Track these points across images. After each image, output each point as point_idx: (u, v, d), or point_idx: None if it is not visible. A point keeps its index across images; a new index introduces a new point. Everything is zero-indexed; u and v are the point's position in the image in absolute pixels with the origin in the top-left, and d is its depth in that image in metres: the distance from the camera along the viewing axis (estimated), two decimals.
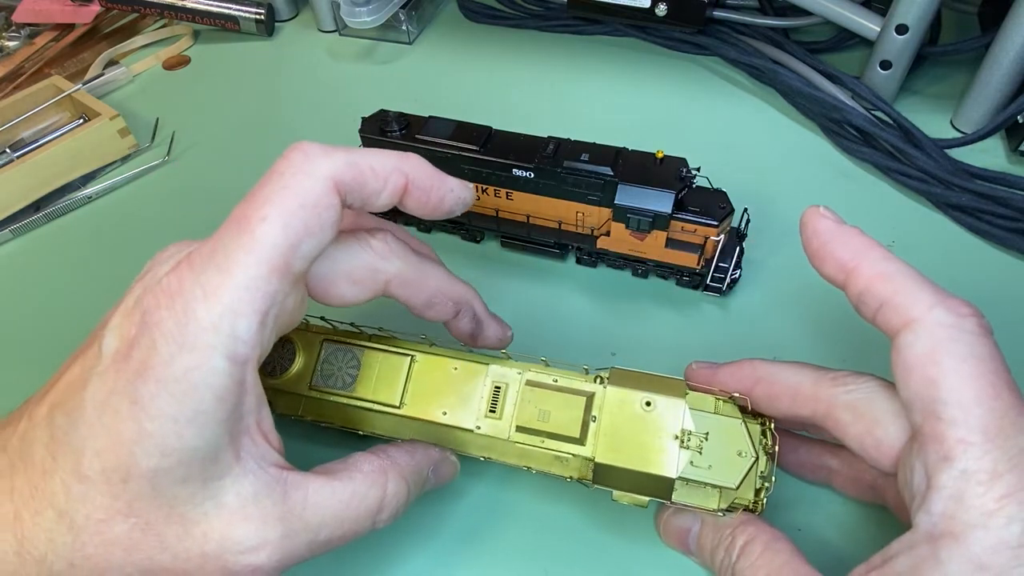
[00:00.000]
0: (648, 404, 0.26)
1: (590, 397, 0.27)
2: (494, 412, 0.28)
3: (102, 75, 0.58)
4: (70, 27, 0.63)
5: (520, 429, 0.27)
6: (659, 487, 0.26)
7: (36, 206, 0.47)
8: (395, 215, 0.43)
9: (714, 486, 0.26)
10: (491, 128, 0.39)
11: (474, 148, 0.38)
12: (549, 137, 0.38)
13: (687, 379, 0.29)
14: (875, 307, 0.22)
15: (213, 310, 0.20)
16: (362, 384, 0.29)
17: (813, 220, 0.24)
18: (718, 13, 0.55)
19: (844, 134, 0.47)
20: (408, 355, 0.29)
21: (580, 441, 0.27)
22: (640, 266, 0.40)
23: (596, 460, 0.26)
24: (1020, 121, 0.44)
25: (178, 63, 0.61)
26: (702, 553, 0.28)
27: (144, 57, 0.61)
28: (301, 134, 0.43)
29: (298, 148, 0.22)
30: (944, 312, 0.20)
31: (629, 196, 0.35)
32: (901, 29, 0.46)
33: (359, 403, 0.29)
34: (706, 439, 0.26)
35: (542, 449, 0.27)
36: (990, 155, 0.46)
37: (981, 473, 0.19)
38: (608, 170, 0.36)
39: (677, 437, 0.26)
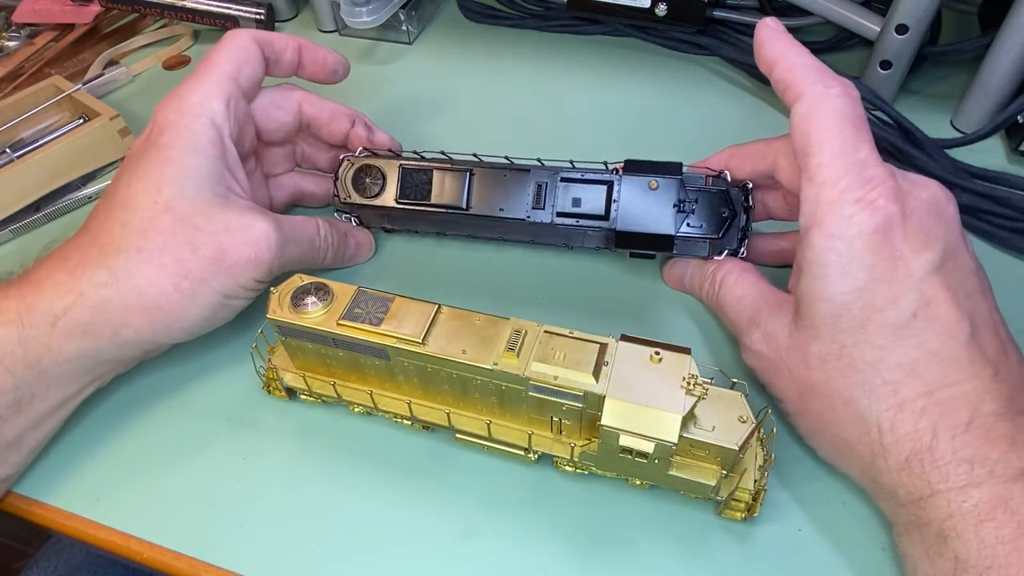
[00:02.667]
0: (657, 354, 0.28)
1: (603, 346, 0.29)
2: (512, 350, 0.29)
3: (102, 75, 0.58)
4: (70, 27, 0.63)
5: (537, 361, 0.29)
6: (665, 428, 0.27)
7: (36, 206, 0.47)
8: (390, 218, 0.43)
9: (716, 445, 0.28)
10: (470, 169, 0.38)
11: (459, 208, 0.38)
12: (532, 168, 0.38)
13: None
14: (783, 89, 0.29)
15: (196, 96, 0.34)
16: (388, 323, 0.31)
17: (758, 28, 0.31)
18: (718, 13, 0.55)
19: None
20: (435, 304, 0.31)
21: (594, 377, 0.28)
22: None
23: (607, 396, 0.27)
24: (1020, 121, 0.44)
25: (178, 63, 0.61)
26: (693, 288, 0.38)
27: (144, 57, 0.61)
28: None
29: (232, 31, 0.37)
30: (820, 86, 0.28)
31: (629, 240, 0.36)
32: (901, 29, 0.46)
33: (383, 336, 0.30)
34: (707, 394, 0.27)
35: (555, 387, 0.28)
36: (990, 155, 0.46)
37: (829, 181, 0.27)
38: (603, 224, 0.36)
39: (685, 380, 0.27)
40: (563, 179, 0.37)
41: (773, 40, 0.30)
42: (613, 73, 0.56)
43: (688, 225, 0.36)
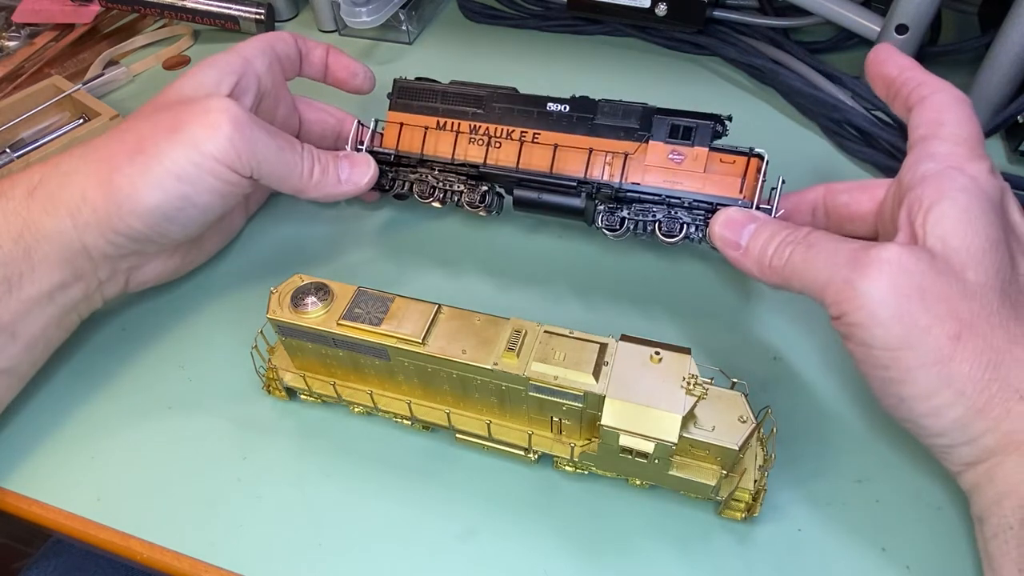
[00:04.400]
0: (657, 354, 0.28)
1: (603, 346, 0.29)
2: (512, 350, 0.29)
3: (102, 75, 0.58)
4: (70, 27, 0.63)
5: (537, 361, 0.29)
6: (665, 428, 0.27)
7: None
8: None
9: (716, 444, 0.28)
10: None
11: (509, 88, 0.39)
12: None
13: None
14: (914, 86, 0.33)
15: (235, 47, 0.39)
16: (388, 323, 0.31)
17: (880, 46, 0.35)
18: (718, 13, 0.55)
19: (844, 134, 0.47)
20: (435, 304, 0.31)
21: (594, 377, 0.28)
22: (673, 221, 0.36)
23: (607, 396, 0.27)
24: (1020, 121, 0.44)
25: (178, 63, 0.61)
26: (756, 243, 0.32)
27: (144, 57, 0.61)
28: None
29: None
30: (955, 90, 0.32)
31: (670, 115, 0.36)
32: (901, 29, 0.46)
33: (383, 336, 0.30)
34: (707, 394, 0.28)
35: (555, 387, 0.28)
36: (990, 155, 0.45)
37: (965, 143, 0.31)
38: (647, 103, 0.36)
39: (685, 380, 0.27)
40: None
41: (898, 56, 0.34)
42: (613, 73, 0.56)
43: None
